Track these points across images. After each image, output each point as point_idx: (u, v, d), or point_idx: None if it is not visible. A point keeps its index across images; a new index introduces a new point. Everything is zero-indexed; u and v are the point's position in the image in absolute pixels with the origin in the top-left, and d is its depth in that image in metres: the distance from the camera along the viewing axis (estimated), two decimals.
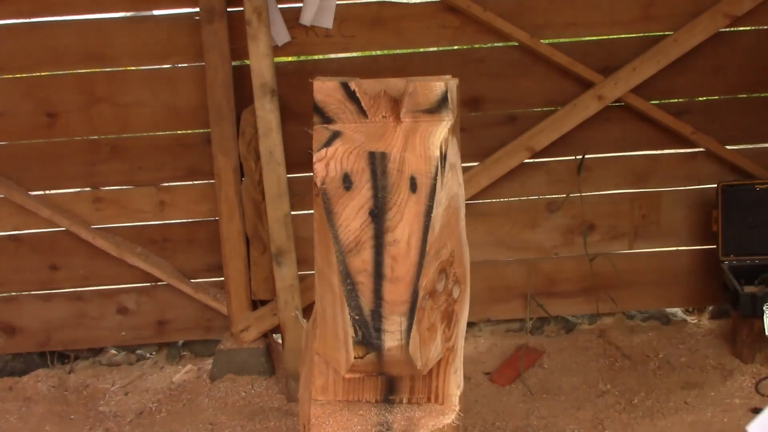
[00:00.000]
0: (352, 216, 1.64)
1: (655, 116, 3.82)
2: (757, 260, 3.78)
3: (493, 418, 3.42)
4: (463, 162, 2.00)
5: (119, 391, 3.85)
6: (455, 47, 3.82)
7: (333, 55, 3.88)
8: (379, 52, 3.97)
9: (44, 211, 3.83)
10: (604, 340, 3.95)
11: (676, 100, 3.90)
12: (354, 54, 3.97)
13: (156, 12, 3.80)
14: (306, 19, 3.69)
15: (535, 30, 3.73)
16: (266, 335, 3.93)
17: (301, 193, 3.81)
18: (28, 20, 3.73)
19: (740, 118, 3.90)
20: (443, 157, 1.67)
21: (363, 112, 1.74)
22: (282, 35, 3.69)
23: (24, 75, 3.81)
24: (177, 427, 3.52)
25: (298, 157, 3.65)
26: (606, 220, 3.98)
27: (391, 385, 1.84)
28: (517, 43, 3.78)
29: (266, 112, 3.42)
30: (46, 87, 3.79)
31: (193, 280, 3.98)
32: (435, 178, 1.63)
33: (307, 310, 3.56)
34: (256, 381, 3.82)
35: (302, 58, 3.89)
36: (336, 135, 1.68)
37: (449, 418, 1.82)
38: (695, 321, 4.15)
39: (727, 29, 3.77)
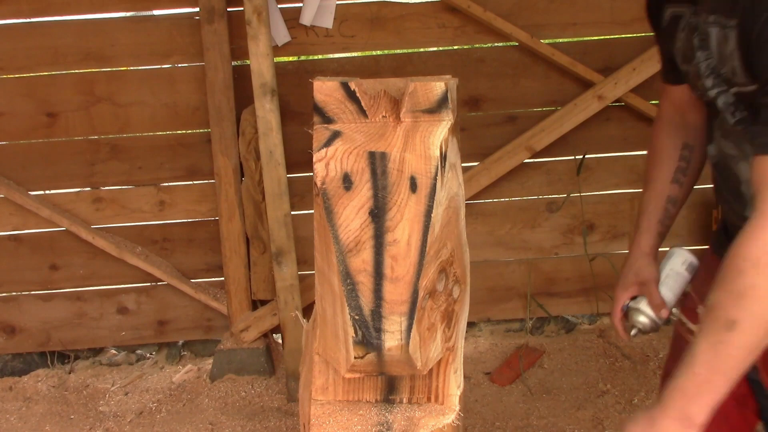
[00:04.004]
0: (352, 216, 1.64)
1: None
2: None
3: (493, 418, 3.42)
4: (463, 162, 2.00)
5: (119, 391, 3.85)
6: (455, 47, 3.82)
7: (333, 55, 3.88)
8: (379, 52, 3.97)
9: (44, 211, 3.83)
10: (604, 340, 3.95)
11: None
12: (354, 54, 3.97)
13: (156, 12, 3.80)
14: (306, 19, 3.69)
15: (535, 30, 3.73)
16: (266, 335, 3.93)
17: (301, 193, 3.81)
18: (28, 20, 3.73)
19: None
20: (443, 157, 1.67)
21: (363, 112, 1.74)
22: (282, 35, 3.69)
23: (24, 75, 3.81)
24: (177, 427, 3.52)
25: (298, 157, 3.65)
26: (606, 220, 3.98)
27: (391, 385, 1.84)
28: (517, 43, 3.78)
29: (266, 112, 3.42)
30: (46, 87, 3.79)
31: (193, 280, 3.98)
32: (435, 178, 1.63)
33: (307, 310, 3.56)
34: (256, 381, 3.82)
35: (302, 58, 3.89)
36: (336, 135, 1.68)
37: (449, 418, 1.82)
38: None
39: None
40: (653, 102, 3.83)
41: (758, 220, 1.30)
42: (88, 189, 3.91)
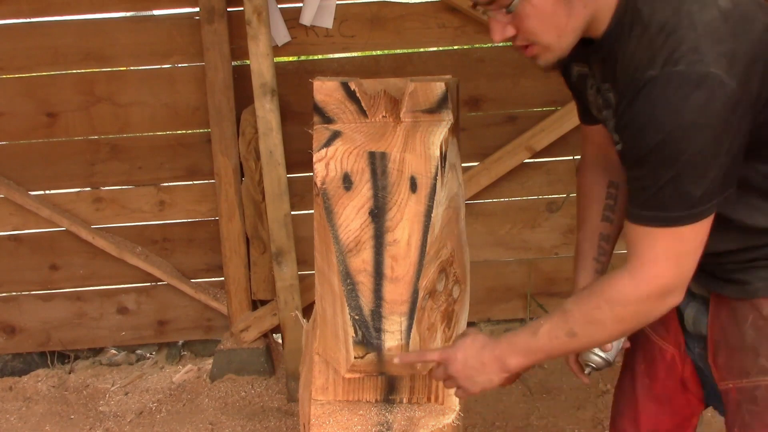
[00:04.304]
0: (352, 216, 1.64)
1: None
2: None
3: (493, 418, 3.42)
4: (463, 162, 2.00)
5: (119, 391, 3.85)
6: (455, 47, 3.82)
7: (333, 55, 3.88)
8: (379, 52, 3.97)
9: (44, 211, 3.83)
10: None
11: None
12: (354, 54, 3.97)
13: (156, 12, 3.80)
14: (306, 19, 3.69)
15: None
16: (266, 335, 3.93)
17: (301, 193, 3.81)
18: (28, 20, 3.73)
19: None
20: (443, 157, 1.67)
21: (363, 112, 1.74)
22: (282, 35, 3.69)
23: (24, 75, 3.81)
24: (177, 427, 3.52)
25: (298, 157, 3.65)
26: None
27: (391, 385, 1.84)
28: None
29: (266, 112, 3.42)
30: (46, 87, 3.79)
31: (193, 280, 3.98)
32: (435, 178, 1.63)
33: (307, 310, 3.56)
34: (256, 381, 3.82)
35: (302, 58, 3.89)
36: (336, 135, 1.68)
37: (449, 418, 1.82)
38: None
39: None
40: None
41: (625, 274, 1.52)
42: (88, 189, 3.91)
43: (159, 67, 3.79)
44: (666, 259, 1.48)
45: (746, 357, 1.62)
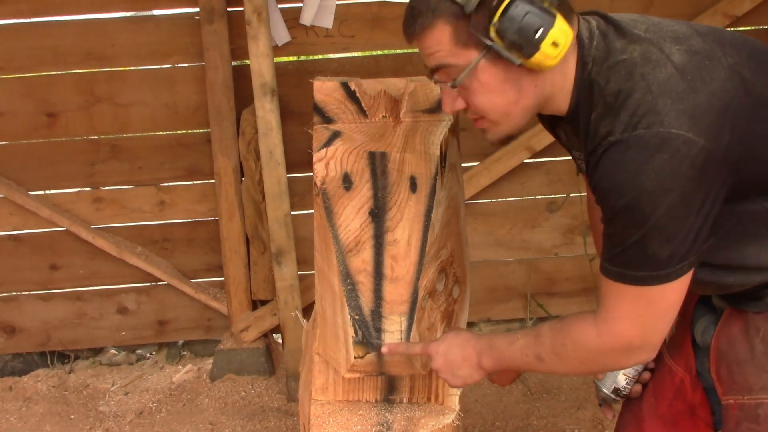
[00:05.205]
0: (352, 216, 1.64)
1: None
2: None
3: (493, 418, 3.42)
4: (463, 162, 2.00)
5: (119, 391, 3.85)
6: None
7: (333, 55, 3.88)
8: (379, 52, 3.97)
9: (44, 211, 3.83)
10: None
11: None
12: (354, 54, 3.97)
13: (156, 12, 3.80)
14: (306, 19, 3.69)
15: None
16: (266, 335, 3.93)
17: (301, 193, 3.81)
18: (28, 20, 3.73)
19: None
20: (443, 157, 1.67)
21: (363, 112, 1.74)
22: (282, 35, 3.69)
23: (24, 75, 3.81)
24: (177, 427, 3.52)
25: (298, 157, 3.65)
26: None
27: (391, 385, 1.84)
28: None
29: (266, 112, 3.42)
30: (46, 87, 3.79)
31: (193, 280, 3.98)
32: (435, 178, 1.63)
33: (307, 310, 3.56)
34: (256, 381, 3.82)
35: (302, 58, 3.89)
36: (336, 135, 1.68)
37: (449, 418, 1.82)
38: None
39: (727, 29, 3.77)
40: None
41: (593, 322, 1.53)
42: (88, 189, 3.91)
43: (159, 67, 3.79)
44: (631, 318, 1.47)
45: (751, 372, 1.60)
